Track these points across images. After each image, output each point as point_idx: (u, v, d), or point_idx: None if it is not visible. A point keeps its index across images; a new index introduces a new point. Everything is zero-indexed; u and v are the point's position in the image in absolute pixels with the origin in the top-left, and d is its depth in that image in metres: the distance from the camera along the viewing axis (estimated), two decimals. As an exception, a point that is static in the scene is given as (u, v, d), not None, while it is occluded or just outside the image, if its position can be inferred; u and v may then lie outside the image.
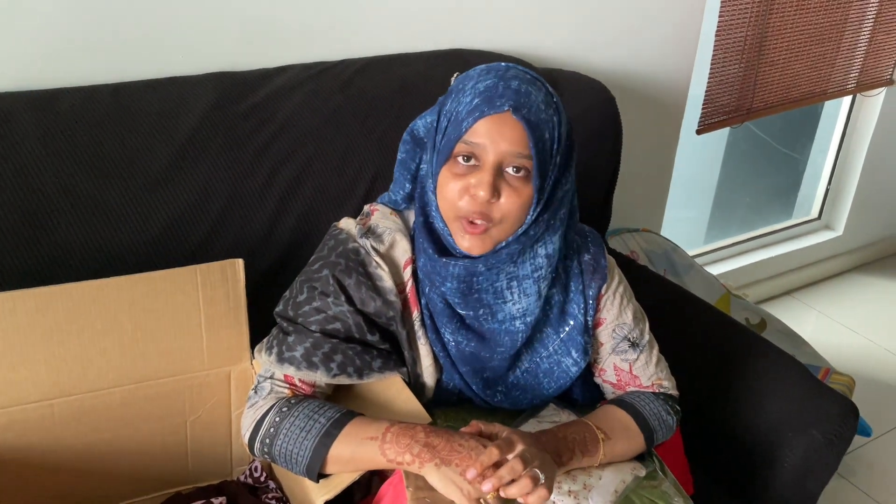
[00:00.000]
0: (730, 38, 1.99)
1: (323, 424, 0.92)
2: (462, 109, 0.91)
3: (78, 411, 1.03)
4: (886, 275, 2.85)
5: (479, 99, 0.89)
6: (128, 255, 1.11)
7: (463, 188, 0.91)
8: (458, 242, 0.95)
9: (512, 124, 0.89)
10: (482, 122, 0.89)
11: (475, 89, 0.91)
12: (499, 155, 0.90)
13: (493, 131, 0.89)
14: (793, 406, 1.23)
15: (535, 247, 0.99)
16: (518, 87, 0.90)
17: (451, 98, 0.94)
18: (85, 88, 1.18)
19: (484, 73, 0.93)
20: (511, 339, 1.02)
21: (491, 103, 0.89)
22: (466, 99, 0.91)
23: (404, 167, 1.04)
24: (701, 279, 1.98)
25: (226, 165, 1.18)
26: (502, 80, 0.91)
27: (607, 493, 0.94)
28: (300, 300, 0.99)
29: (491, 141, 0.89)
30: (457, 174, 0.92)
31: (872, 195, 2.73)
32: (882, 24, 2.34)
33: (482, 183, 0.89)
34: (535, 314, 1.02)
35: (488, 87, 0.90)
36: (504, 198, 0.91)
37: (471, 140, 0.90)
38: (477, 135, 0.89)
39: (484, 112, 0.88)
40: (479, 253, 0.94)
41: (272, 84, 1.27)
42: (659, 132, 2.01)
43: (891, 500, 1.87)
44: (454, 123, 0.91)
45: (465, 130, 0.89)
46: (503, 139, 0.89)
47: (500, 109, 0.88)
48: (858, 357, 2.39)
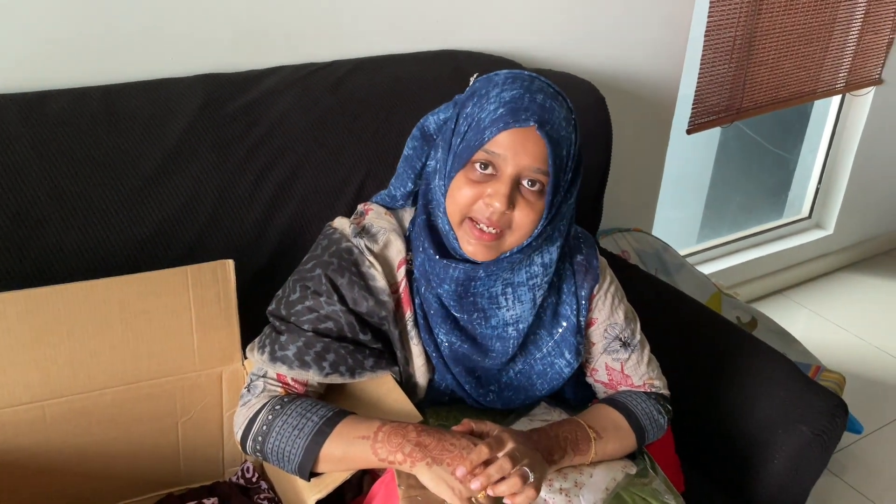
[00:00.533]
0: (719, 38, 2.01)
1: (315, 423, 0.92)
2: (485, 117, 0.90)
3: (69, 413, 1.02)
4: (876, 273, 2.86)
5: (504, 109, 0.89)
6: (118, 257, 1.11)
7: (476, 195, 0.91)
8: (462, 246, 0.95)
9: (535, 139, 0.89)
10: (504, 133, 0.89)
11: (500, 98, 0.90)
12: (518, 168, 0.90)
13: (516, 144, 0.89)
14: (782, 403, 1.24)
15: (532, 255, 0.99)
16: (543, 102, 0.90)
17: (473, 102, 0.93)
18: (74, 90, 1.18)
19: (510, 81, 0.92)
20: (503, 345, 1.03)
21: (516, 116, 0.88)
22: (491, 107, 0.90)
23: (409, 164, 1.03)
24: (692, 278, 1.99)
25: (216, 166, 1.18)
26: (528, 91, 0.91)
27: (598, 490, 0.95)
28: (293, 299, 0.99)
29: (513, 153, 0.89)
30: (472, 180, 0.92)
31: (862, 194, 2.74)
32: (870, 24, 2.36)
33: (499, 194, 0.90)
34: (528, 322, 1.02)
35: (514, 97, 0.90)
36: (518, 210, 0.92)
37: (492, 150, 0.90)
38: (498, 145, 0.89)
39: (509, 124, 0.88)
40: (482, 259, 0.95)
41: (262, 85, 1.28)
42: (649, 132, 2.01)
43: (882, 496, 1.88)
44: (475, 130, 0.91)
45: (488, 139, 0.89)
46: (525, 153, 0.89)
47: (525, 123, 0.88)
48: (849, 355, 2.40)
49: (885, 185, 2.81)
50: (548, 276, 1.01)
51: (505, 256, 0.95)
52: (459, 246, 0.95)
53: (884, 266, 2.91)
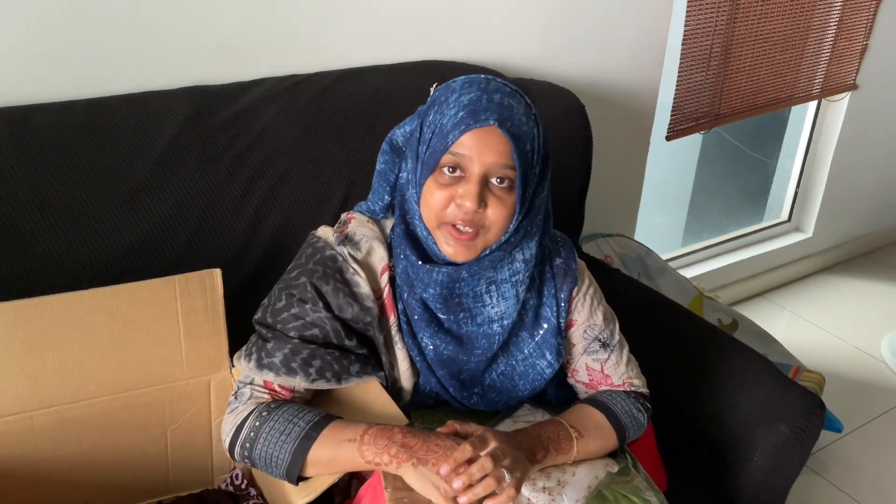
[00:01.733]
0: (696, 46, 2.04)
1: (302, 428, 0.94)
2: (447, 122, 0.93)
3: (58, 422, 1.03)
4: (855, 275, 2.91)
5: (464, 112, 0.92)
6: (105, 268, 1.12)
7: (448, 197, 0.94)
8: (442, 249, 0.97)
9: (497, 137, 0.91)
10: (468, 134, 0.91)
11: (459, 102, 0.93)
12: (484, 166, 0.92)
13: (479, 144, 0.91)
14: (761, 402, 1.27)
15: (513, 252, 1.02)
16: (501, 101, 0.93)
17: (434, 109, 0.96)
18: (60, 104, 1.19)
19: (466, 85, 0.95)
20: (488, 341, 1.04)
21: (476, 116, 0.91)
22: (451, 111, 0.93)
23: (383, 178, 1.06)
24: (674, 282, 2.02)
25: (202, 177, 1.20)
26: (485, 92, 0.94)
27: (581, 488, 0.97)
28: (278, 307, 1.01)
29: (477, 153, 0.92)
30: (442, 184, 0.94)
31: (840, 197, 2.79)
32: (844, 31, 2.41)
33: (469, 194, 0.92)
34: (512, 317, 1.04)
35: (472, 100, 0.93)
36: (490, 208, 0.94)
37: (457, 151, 0.92)
38: (463, 147, 0.92)
39: (470, 125, 0.91)
40: (463, 260, 0.97)
41: (247, 97, 1.29)
42: (629, 139, 2.05)
43: (863, 494, 1.91)
44: (439, 135, 0.93)
45: (452, 143, 0.92)
46: (489, 151, 0.92)
47: (485, 123, 0.91)
48: (829, 355, 2.43)
49: (862, 187, 2.86)
50: (529, 270, 1.03)
51: (485, 255, 0.97)
52: (440, 250, 0.97)
53: (862, 268, 2.96)
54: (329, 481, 0.95)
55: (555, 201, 1.58)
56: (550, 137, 1.51)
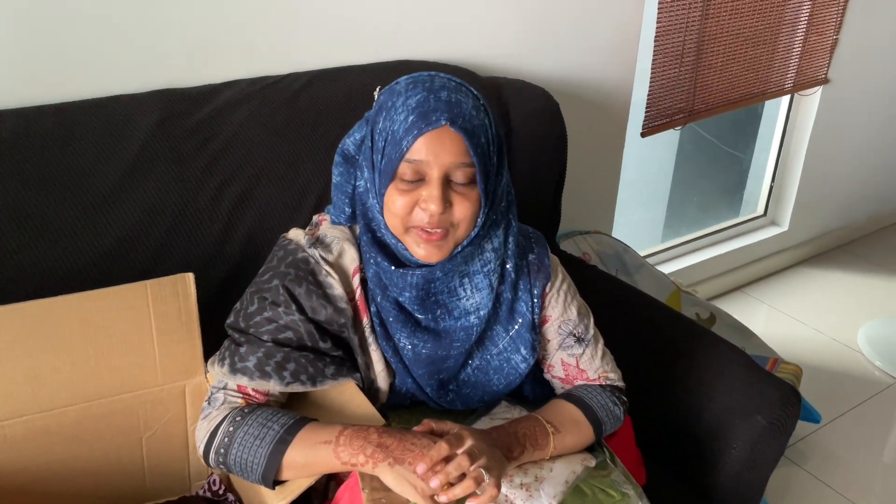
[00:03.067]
0: (668, 42, 2.06)
1: (277, 431, 0.93)
2: (398, 128, 0.92)
3: (30, 432, 1.02)
4: (831, 267, 2.94)
5: (413, 116, 0.91)
6: (77, 275, 1.11)
7: (411, 203, 0.93)
8: (413, 253, 0.96)
9: (451, 136, 0.91)
10: (421, 139, 0.90)
11: (407, 105, 0.92)
12: (443, 168, 0.92)
13: (434, 146, 0.91)
14: (738, 394, 1.28)
15: (482, 243, 1.01)
16: (449, 98, 0.92)
17: (383, 116, 0.95)
18: (27, 110, 1.17)
19: (411, 86, 0.94)
20: (466, 333, 1.04)
21: (427, 119, 0.90)
22: (400, 117, 0.92)
23: (341, 191, 1.04)
24: (651, 278, 2.03)
25: (173, 181, 1.19)
26: (431, 92, 0.93)
27: (558, 483, 0.97)
28: (251, 311, 1.00)
29: (434, 156, 0.91)
30: (403, 190, 0.93)
31: (814, 190, 2.82)
32: (815, 26, 2.43)
33: (432, 197, 0.92)
34: (487, 307, 1.04)
35: (420, 101, 0.92)
36: (456, 206, 0.94)
37: (413, 158, 0.91)
38: (418, 152, 0.91)
39: (422, 129, 0.90)
40: (436, 260, 0.96)
41: (218, 99, 1.28)
42: (604, 136, 2.05)
43: (842, 484, 1.93)
44: (392, 143, 0.92)
45: (406, 149, 0.91)
46: (445, 152, 0.91)
47: (437, 124, 0.90)
48: (807, 347, 2.46)
49: (835, 180, 2.89)
50: (499, 259, 1.03)
51: (457, 252, 0.97)
52: (411, 254, 0.97)
53: (838, 260, 2.99)
54: (306, 484, 0.95)
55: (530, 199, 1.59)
56: (524, 136, 1.54)
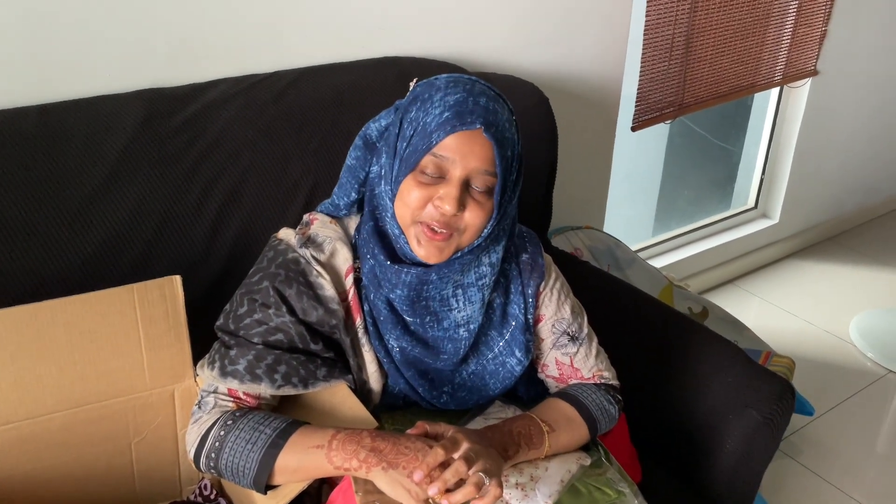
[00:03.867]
0: (658, 36, 2.05)
1: (269, 435, 0.92)
2: (431, 121, 0.91)
3: (17, 439, 1.00)
4: (822, 258, 2.95)
5: (449, 112, 0.90)
6: (61, 278, 1.09)
7: (426, 197, 0.92)
8: (413, 249, 0.95)
9: (482, 141, 0.90)
10: (452, 136, 0.89)
11: (444, 102, 0.91)
12: (467, 171, 0.91)
13: (463, 147, 0.90)
14: (731, 389, 1.27)
15: (480, 256, 1.00)
16: (487, 105, 0.91)
17: (417, 106, 0.94)
18: (9, 111, 1.15)
19: (452, 84, 0.93)
20: (454, 346, 1.03)
21: (462, 119, 0.89)
22: (436, 110, 0.91)
23: (352, 174, 1.03)
24: (644, 272, 2.02)
25: (159, 182, 1.17)
26: (471, 94, 0.91)
27: (554, 483, 0.96)
28: (241, 313, 0.98)
29: (461, 156, 0.90)
30: (421, 183, 0.92)
31: (804, 183, 2.82)
32: (804, 17, 2.43)
33: (449, 197, 0.90)
34: (478, 321, 1.03)
35: (458, 101, 0.90)
36: (469, 212, 0.93)
37: (440, 153, 0.90)
38: (446, 149, 0.90)
39: (456, 127, 0.89)
40: (435, 261, 0.95)
41: (203, 98, 1.27)
42: (595, 131, 2.05)
43: (836, 475, 1.93)
44: (421, 134, 0.91)
45: (436, 143, 0.90)
46: (473, 155, 0.90)
47: (471, 126, 0.89)
48: (799, 339, 2.47)
49: (826, 172, 2.89)
50: (494, 275, 1.02)
51: (456, 258, 0.96)
52: (410, 249, 0.96)
53: (829, 251, 3.00)
54: (298, 488, 0.93)
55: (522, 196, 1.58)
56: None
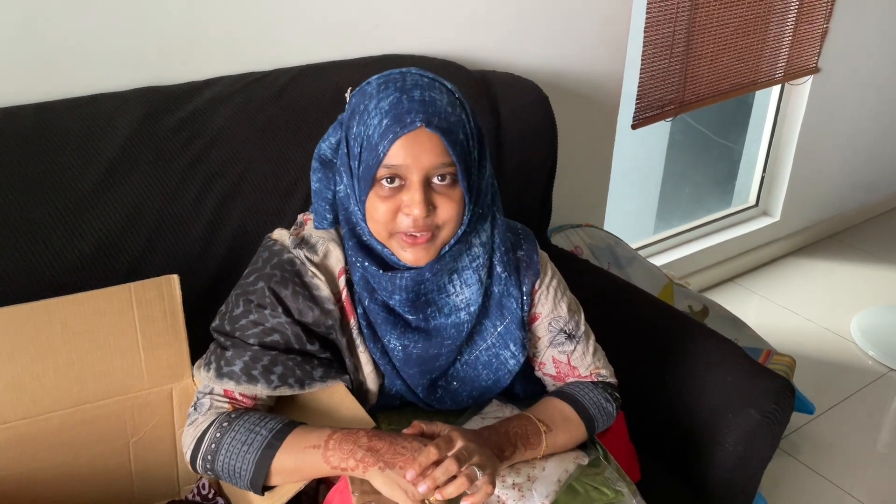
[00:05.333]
0: (658, 33, 2.04)
1: (265, 437, 0.91)
2: (373, 133, 0.89)
3: (14, 439, 1.00)
4: (823, 256, 2.94)
5: (387, 119, 0.88)
6: (58, 277, 1.09)
7: (393, 208, 0.91)
8: (400, 258, 0.94)
9: (427, 137, 0.88)
10: (398, 142, 0.87)
11: (380, 108, 0.89)
12: (423, 171, 0.89)
13: (412, 149, 0.88)
14: (731, 388, 1.27)
15: (469, 238, 1.00)
16: (422, 97, 0.89)
17: (357, 120, 0.92)
18: (6, 109, 1.15)
19: (382, 87, 0.91)
20: (457, 330, 1.03)
21: (401, 121, 0.87)
22: (374, 121, 0.89)
23: (321, 197, 1.01)
24: (644, 270, 2.02)
25: (156, 181, 1.17)
26: (404, 92, 0.89)
27: (551, 482, 0.96)
28: (236, 314, 0.98)
29: (413, 159, 0.88)
30: (384, 196, 0.91)
31: (806, 180, 2.81)
32: (805, 14, 2.43)
33: (415, 202, 0.89)
34: (478, 303, 1.02)
35: (393, 103, 0.88)
36: (440, 207, 0.91)
37: (391, 163, 0.88)
38: (396, 157, 0.88)
39: (397, 133, 0.87)
40: (424, 263, 0.95)
41: (201, 97, 1.26)
42: (595, 129, 2.04)
43: (836, 474, 1.93)
44: (368, 149, 0.89)
45: (383, 155, 0.88)
46: (424, 154, 0.88)
47: (412, 126, 0.87)
48: (800, 338, 2.46)
49: (827, 170, 2.89)
50: (487, 252, 1.01)
51: (445, 252, 0.96)
52: (398, 259, 0.95)
53: (829, 249, 2.99)
54: (295, 489, 0.93)
55: (521, 193, 1.58)
56: (514, 129, 1.52)
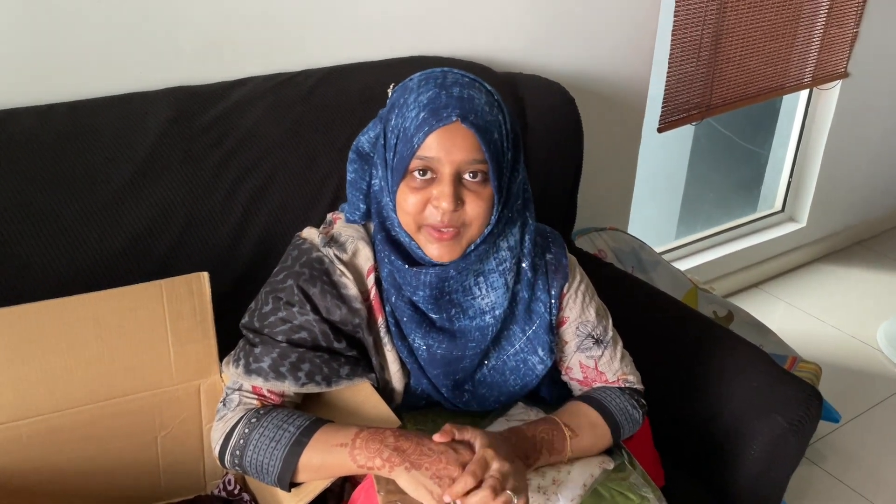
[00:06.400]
0: (686, 36, 2.03)
1: (292, 433, 0.92)
2: (409, 125, 0.91)
3: (45, 431, 1.02)
4: (850, 263, 2.91)
5: (424, 112, 0.90)
6: (90, 273, 1.11)
7: (423, 201, 0.92)
8: (426, 252, 0.95)
9: (462, 133, 0.89)
10: (433, 135, 0.89)
11: (418, 102, 0.91)
12: (455, 165, 0.90)
13: (446, 142, 0.89)
14: (757, 394, 1.26)
15: (497, 241, 1.00)
16: (461, 94, 0.91)
17: (395, 113, 0.94)
18: (41, 107, 1.17)
19: (423, 82, 0.94)
20: (482, 333, 1.03)
21: (437, 115, 0.89)
22: (412, 113, 0.91)
23: (355, 188, 1.03)
24: (668, 275, 2.01)
25: (187, 179, 1.18)
26: (443, 88, 0.91)
27: (576, 487, 0.96)
28: (265, 311, 0.99)
29: (445, 153, 0.90)
30: (415, 188, 0.92)
31: (833, 186, 2.78)
32: (835, 18, 2.40)
33: (444, 195, 0.90)
34: (503, 307, 1.03)
35: (431, 98, 0.91)
36: (468, 204, 0.92)
37: (424, 155, 0.90)
38: (429, 149, 0.90)
39: (433, 125, 0.89)
40: (449, 259, 0.95)
41: (232, 97, 1.28)
42: (621, 132, 2.03)
43: (861, 484, 1.90)
44: (404, 140, 0.91)
45: (418, 146, 0.90)
46: (456, 149, 0.90)
47: (448, 120, 0.89)
48: (826, 345, 2.43)
49: (855, 176, 2.85)
50: (515, 257, 1.02)
51: (471, 250, 0.96)
52: (424, 253, 0.96)
53: (857, 256, 2.95)
54: (322, 486, 0.94)
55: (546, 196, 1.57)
56: (540, 131, 1.52)
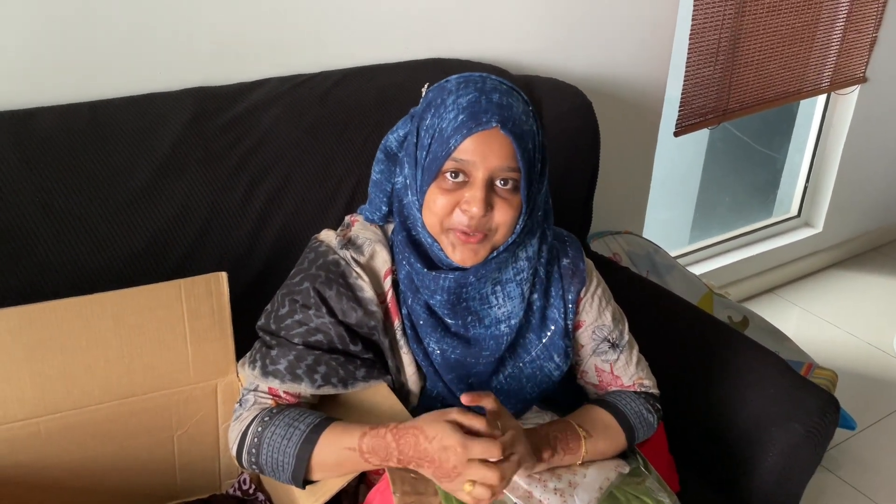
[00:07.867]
0: (703, 40, 2.02)
1: (303, 431, 0.93)
2: (447, 126, 0.90)
3: (64, 428, 1.03)
4: (866, 269, 2.88)
5: (463, 115, 0.89)
6: (110, 272, 1.12)
7: (452, 203, 0.92)
8: (449, 255, 0.95)
9: (500, 139, 0.89)
10: (470, 139, 0.89)
11: (457, 104, 0.90)
12: (489, 170, 0.90)
13: (482, 147, 0.89)
14: (774, 401, 1.25)
15: (516, 251, 1.00)
16: (500, 101, 0.90)
17: (431, 112, 0.93)
18: (62, 107, 1.18)
19: (463, 85, 0.93)
20: (496, 342, 1.03)
21: (477, 119, 0.89)
22: (450, 115, 0.90)
23: (379, 188, 1.03)
24: (683, 279, 2.00)
25: (206, 180, 1.19)
26: (483, 93, 0.91)
27: (592, 489, 0.96)
28: (282, 313, 0.99)
29: (481, 157, 0.89)
30: (445, 190, 0.92)
31: (850, 191, 2.76)
32: (853, 23, 2.38)
33: (475, 199, 0.90)
34: (518, 316, 1.03)
35: (471, 101, 0.90)
36: (497, 210, 0.92)
37: (459, 157, 0.90)
38: (465, 152, 0.89)
39: (472, 129, 0.88)
40: (471, 264, 0.95)
41: (250, 98, 1.28)
42: (637, 135, 2.03)
43: (877, 491, 1.89)
44: (440, 141, 0.91)
45: (454, 148, 0.89)
46: (492, 154, 0.89)
47: (487, 126, 0.88)
48: (841, 352, 2.41)
49: (872, 181, 2.83)
50: (532, 268, 1.02)
51: (492, 257, 0.96)
52: (446, 255, 0.96)
53: (873, 262, 2.93)
54: (338, 485, 0.94)
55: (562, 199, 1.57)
56: (557, 134, 1.52)
